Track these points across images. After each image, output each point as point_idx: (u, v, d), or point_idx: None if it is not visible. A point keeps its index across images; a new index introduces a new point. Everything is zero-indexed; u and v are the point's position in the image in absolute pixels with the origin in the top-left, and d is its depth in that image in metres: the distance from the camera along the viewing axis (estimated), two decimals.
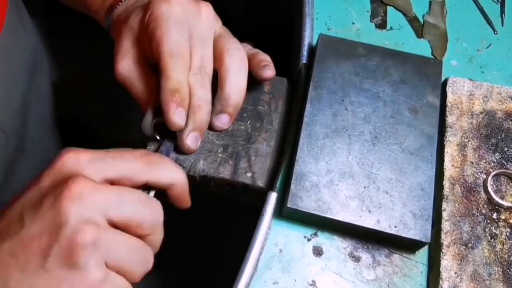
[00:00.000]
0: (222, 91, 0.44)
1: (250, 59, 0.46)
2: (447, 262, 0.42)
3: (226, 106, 0.44)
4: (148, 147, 0.45)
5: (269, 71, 0.45)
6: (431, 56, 0.54)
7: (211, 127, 0.45)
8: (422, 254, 0.44)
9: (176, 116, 0.42)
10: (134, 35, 0.45)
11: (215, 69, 0.45)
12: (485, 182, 0.45)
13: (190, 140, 0.43)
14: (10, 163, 0.59)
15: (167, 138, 0.45)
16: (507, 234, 0.43)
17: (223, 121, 0.45)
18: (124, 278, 0.34)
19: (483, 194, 0.45)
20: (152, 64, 0.45)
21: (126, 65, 0.45)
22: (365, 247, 0.44)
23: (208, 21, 0.45)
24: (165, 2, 0.43)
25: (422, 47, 0.54)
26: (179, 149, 0.44)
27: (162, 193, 0.39)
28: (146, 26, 0.43)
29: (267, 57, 0.46)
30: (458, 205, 0.44)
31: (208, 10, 0.45)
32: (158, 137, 0.45)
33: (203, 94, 0.44)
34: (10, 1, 0.56)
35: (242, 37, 0.47)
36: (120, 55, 0.45)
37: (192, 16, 0.44)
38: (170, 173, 0.38)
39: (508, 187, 0.46)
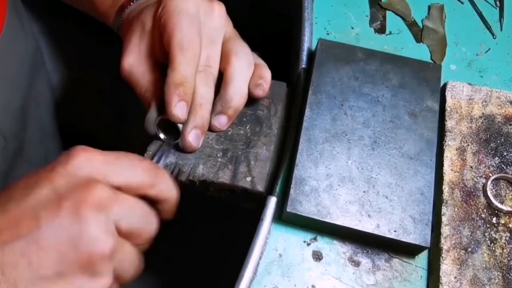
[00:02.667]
0: (225, 92, 0.44)
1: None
2: (447, 267, 0.42)
3: (227, 108, 0.44)
4: (148, 149, 0.45)
5: (259, 91, 0.45)
6: (430, 61, 0.54)
7: (208, 127, 0.45)
8: (422, 258, 0.44)
9: (177, 109, 0.41)
10: (145, 30, 0.45)
11: (220, 70, 0.45)
12: (484, 186, 0.45)
13: (192, 137, 0.43)
14: (9, 166, 0.59)
15: (167, 139, 0.45)
16: (507, 238, 0.43)
17: (221, 122, 0.45)
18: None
19: (482, 199, 0.45)
20: (159, 61, 0.45)
21: (132, 61, 0.45)
22: (364, 251, 0.44)
23: (220, 21, 0.45)
24: None
25: (421, 52, 0.54)
26: (181, 147, 0.44)
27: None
28: (158, 20, 0.43)
29: (266, 74, 0.46)
30: (458, 209, 0.44)
31: (221, 10, 0.46)
32: (160, 136, 0.45)
33: (206, 92, 0.43)
34: (10, 5, 0.56)
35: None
36: (127, 51, 0.45)
37: (204, 13, 0.44)
38: (169, 190, 0.39)
39: (508, 192, 0.46)
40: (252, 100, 0.47)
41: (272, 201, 0.44)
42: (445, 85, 0.50)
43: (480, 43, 0.55)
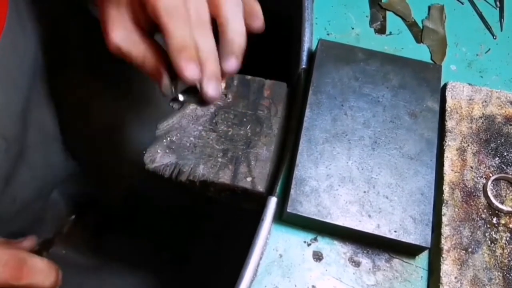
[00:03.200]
0: (225, 37, 0.43)
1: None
2: (447, 267, 0.42)
3: (232, 48, 0.44)
4: (158, 126, 0.45)
5: (258, 23, 0.45)
6: (430, 61, 0.54)
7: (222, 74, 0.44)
8: (422, 259, 0.44)
9: (190, 71, 0.41)
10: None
11: (213, 16, 0.44)
12: (484, 186, 0.45)
13: (211, 89, 0.43)
14: (11, 168, 0.59)
15: (187, 99, 0.45)
16: (507, 238, 0.43)
17: (232, 64, 0.44)
18: None
19: (483, 199, 0.45)
20: (146, 27, 0.43)
21: (121, 33, 0.43)
22: (365, 252, 0.44)
23: None
24: None
25: (421, 52, 0.54)
26: (204, 102, 0.44)
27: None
28: None
29: (256, 7, 0.46)
30: (458, 209, 0.44)
31: None
32: (180, 98, 0.45)
33: (207, 45, 0.43)
34: (11, 7, 0.55)
35: None
36: (110, 22, 0.43)
37: None
38: (43, 279, 0.42)
39: (508, 192, 0.46)
40: (252, 101, 0.47)
41: (273, 202, 0.44)
42: (445, 85, 0.50)
43: (480, 43, 0.55)
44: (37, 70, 0.64)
